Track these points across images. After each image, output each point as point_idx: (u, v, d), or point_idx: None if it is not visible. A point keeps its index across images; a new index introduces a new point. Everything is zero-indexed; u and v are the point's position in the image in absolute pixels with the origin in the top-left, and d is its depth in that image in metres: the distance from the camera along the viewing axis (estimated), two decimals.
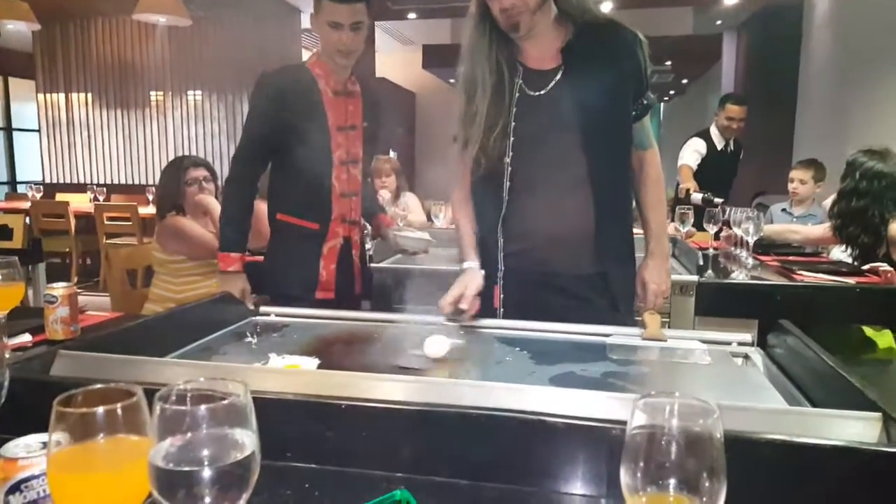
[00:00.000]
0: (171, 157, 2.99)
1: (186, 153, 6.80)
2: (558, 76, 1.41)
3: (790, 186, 3.72)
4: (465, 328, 1.36)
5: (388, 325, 1.44)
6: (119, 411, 0.48)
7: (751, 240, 2.37)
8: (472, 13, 1.42)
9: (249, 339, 1.34)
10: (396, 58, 9.77)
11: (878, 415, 0.77)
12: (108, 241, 5.29)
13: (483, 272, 1.46)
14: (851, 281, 2.23)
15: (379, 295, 2.12)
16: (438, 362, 1.17)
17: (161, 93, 7.11)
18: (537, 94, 1.41)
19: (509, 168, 1.43)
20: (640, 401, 0.53)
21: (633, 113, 1.47)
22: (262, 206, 1.95)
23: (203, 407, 0.46)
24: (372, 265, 2.22)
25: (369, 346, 1.31)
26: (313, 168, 1.82)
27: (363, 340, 1.35)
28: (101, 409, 0.47)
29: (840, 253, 2.75)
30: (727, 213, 2.59)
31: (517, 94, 1.41)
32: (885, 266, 2.25)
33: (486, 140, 1.40)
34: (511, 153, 1.42)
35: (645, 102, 1.48)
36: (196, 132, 7.10)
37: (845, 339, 2.29)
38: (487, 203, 1.49)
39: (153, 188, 5.59)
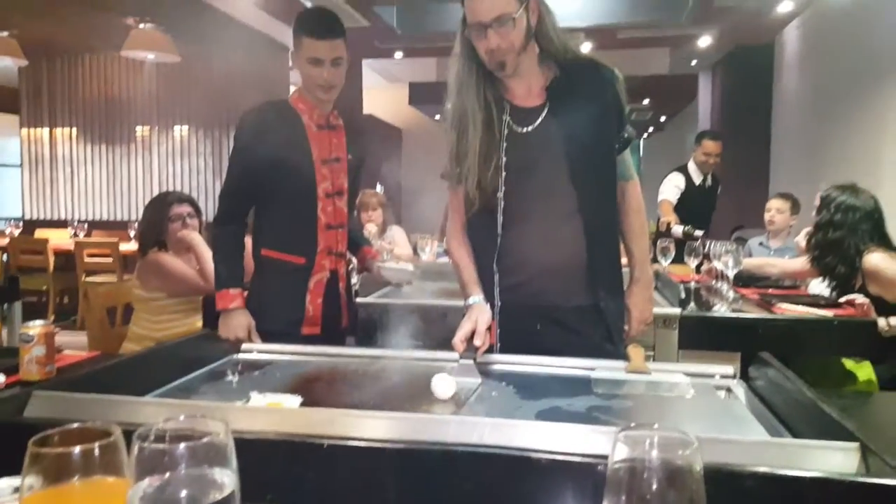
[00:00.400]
0: (156, 193, 2.98)
1: (171, 189, 6.77)
2: (544, 113, 1.45)
3: (767, 216, 3.80)
4: (480, 366, 1.32)
5: (374, 361, 1.42)
6: (96, 451, 0.47)
7: (730, 273, 2.41)
8: (458, 53, 1.46)
9: (230, 377, 1.32)
10: (383, 95, 9.91)
11: (856, 445, 0.78)
12: (86, 279, 5.21)
13: (488, 304, 1.46)
14: (830, 314, 2.27)
15: (364, 330, 2.10)
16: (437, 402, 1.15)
17: (147, 128, 7.11)
18: (525, 130, 1.45)
19: (502, 203, 1.45)
20: (622, 433, 0.53)
21: (615, 146, 1.51)
22: (246, 243, 1.94)
23: (182, 445, 0.46)
24: (358, 300, 2.21)
25: (354, 384, 1.29)
26: (299, 201, 1.83)
27: (348, 377, 1.33)
28: (77, 449, 0.46)
29: (818, 285, 2.80)
30: (707, 246, 2.63)
31: (506, 131, 1.45)
32: (861, 298, 2.29)
33: (481, 176, 1.43)
34: (503, 188, 1.44)
35: (625, 136, 1.53)
36: (181, 168, 7.09)
37: (826, 371, 2.32)
38: (482, 238, 1.51)
39: (136, 224, 5.55)
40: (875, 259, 2.35)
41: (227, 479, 0.49)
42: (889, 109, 4.13)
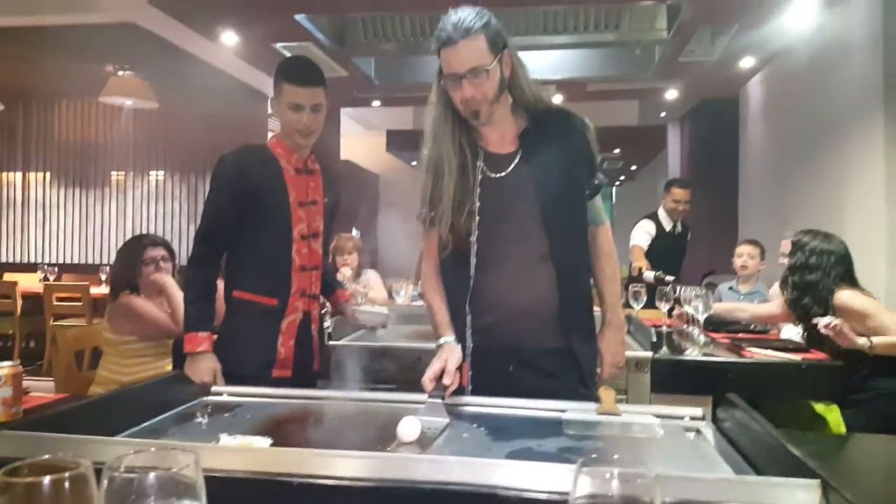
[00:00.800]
0: (129, 237, 2.95)
1: (144, 232, 6.71)
2: (517, 159, 1.50)
3: (738, 262, 3.89)
4: (448, 406, 1.32)
5: (344, 403, 1.42)
6: (66, 483, 0.46)
7: (700, 317, 2.45)
8: (434, 102, 1.51)
9: (200, 419, 1.30)
10: (361, 141, 10.05)
11: (817, 481, 0.80)
12: (55, 323, 5.09)
13: (460, 345, 1.47)
14: (798, 357, 2.32)
15: (337, 373, 2.09)
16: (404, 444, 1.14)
17: (122, 172, 7.09)
18: (498, 175, 1.50)
19: (475, 246, 1.48)
20: (583, 467, 0.55)
21: (586, 192, 1.56)
22: (218, 286, 1.93)
23: (152, 476, 0.46)
24: (331, 343, 2.20)
25: (323, 426, 1.28)
26: (274, 242, 1.83)
27: (318, 420, 1.33)
28: (47, 479, 0.46)
29: (790, 330, 2.87)
30: (678, 291, 2.68)
31: (480, 176, 1.49)
32: (835, 320, 2.29)
33: (455, 219, 1.46)
34: (476, 232, 1.48)
35: (596, 182, 1.59)
36: (156, 211, 7.06)
37: (796, 415, 2.36)
38: (455, 280, 1.53)
39: (107, 267, 5.47)
40: (845, 296, 2.46)
41: None
42: (850, 159, 4.31)
